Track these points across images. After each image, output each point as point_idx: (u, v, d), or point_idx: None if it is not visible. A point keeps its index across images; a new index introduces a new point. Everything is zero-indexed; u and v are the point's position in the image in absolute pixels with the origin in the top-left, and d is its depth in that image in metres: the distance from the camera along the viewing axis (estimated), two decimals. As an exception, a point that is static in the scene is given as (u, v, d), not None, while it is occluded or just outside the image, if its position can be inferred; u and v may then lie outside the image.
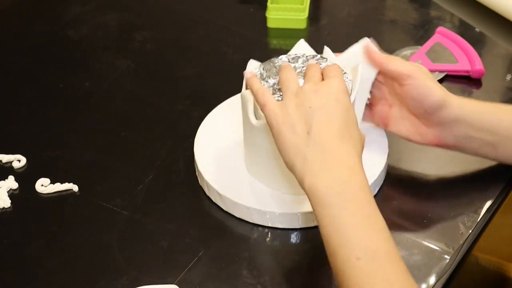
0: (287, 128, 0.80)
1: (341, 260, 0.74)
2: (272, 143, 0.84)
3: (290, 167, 0.80)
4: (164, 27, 1.26)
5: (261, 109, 0.83)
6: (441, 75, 1.11)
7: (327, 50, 0.93)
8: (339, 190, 0.76)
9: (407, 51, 1.15)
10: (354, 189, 0.76)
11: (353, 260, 0.73)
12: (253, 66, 0.91)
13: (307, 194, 0.78)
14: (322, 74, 0.85)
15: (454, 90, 1.06)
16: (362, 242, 0.73)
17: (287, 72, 0.85)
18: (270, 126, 0.82)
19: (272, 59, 0.90)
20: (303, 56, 0.90)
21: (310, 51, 0.94)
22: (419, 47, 1.15)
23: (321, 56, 0.91)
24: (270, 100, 0.83)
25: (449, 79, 1.11)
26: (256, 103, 0.86)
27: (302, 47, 0.95)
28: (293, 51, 0.94)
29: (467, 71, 1.11)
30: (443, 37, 1.15)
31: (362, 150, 0.81)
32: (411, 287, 0.73)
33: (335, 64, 0.87)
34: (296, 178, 0.79)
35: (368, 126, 0.98)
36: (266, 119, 0.83)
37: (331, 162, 0.77)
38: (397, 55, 1.13)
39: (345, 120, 0.80)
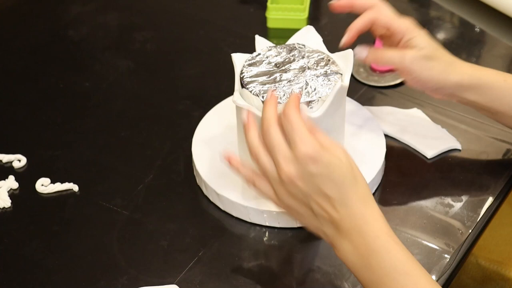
0: (293, 213, 0.80)
1: None
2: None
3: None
4: (164, 27, 1.26)
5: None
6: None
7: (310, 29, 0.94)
8: (360, 252, 0.75)
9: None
10: (372, 243, 0.75)
11: None
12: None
13: None
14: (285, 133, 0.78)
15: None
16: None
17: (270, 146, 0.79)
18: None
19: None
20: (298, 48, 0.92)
21: (315, 40, 0.94)
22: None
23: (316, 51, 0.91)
24: (266, 189, 0.80)
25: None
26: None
27: (309, 35, 0.95)
28: (297, 39, 0.95)
29: None
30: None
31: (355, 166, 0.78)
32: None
33: (295, 120, 0.77)
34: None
35: (367, 125, 0.98)
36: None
37: (346, 232, 0.76)
38: None
39: (341, 178, 0.76)
